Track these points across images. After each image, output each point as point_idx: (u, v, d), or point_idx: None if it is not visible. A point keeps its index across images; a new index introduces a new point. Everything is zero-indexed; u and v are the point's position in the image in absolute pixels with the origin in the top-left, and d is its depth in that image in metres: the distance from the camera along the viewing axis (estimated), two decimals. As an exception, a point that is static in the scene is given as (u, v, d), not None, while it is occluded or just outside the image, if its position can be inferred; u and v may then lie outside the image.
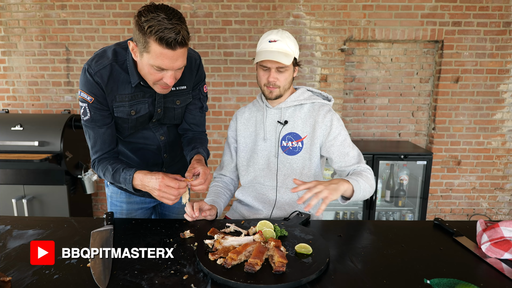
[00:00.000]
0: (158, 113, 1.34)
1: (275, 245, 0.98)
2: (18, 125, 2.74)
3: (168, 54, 1.07)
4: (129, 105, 1.26)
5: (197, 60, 1.38)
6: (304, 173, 1.43)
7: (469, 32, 3.03)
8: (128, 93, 1.25)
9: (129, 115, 1.28)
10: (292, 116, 1.45)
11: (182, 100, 1.39)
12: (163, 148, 1.46)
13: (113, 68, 1.21)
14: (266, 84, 1.39)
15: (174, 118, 1.42)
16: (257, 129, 1.50)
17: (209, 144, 3.26)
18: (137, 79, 1.22)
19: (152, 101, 1.31)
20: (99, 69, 1.19)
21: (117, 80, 1.22)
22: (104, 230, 1.15)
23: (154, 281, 0.88)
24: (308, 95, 1.49)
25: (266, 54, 1.33)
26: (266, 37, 1.37)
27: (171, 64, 1.10)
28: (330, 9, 3.01)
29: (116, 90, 1.23)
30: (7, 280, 0.85)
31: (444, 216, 3.41)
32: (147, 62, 1.10)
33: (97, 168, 1.30)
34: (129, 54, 1.20)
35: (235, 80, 3.17)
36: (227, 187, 1.57)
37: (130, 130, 1.34)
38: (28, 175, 2.80)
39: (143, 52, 1.09)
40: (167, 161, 1.50)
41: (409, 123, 3.35)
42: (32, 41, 3.10)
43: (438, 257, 1.02)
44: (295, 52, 1.39)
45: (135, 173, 1.20)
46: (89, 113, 1.23)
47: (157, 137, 1.42)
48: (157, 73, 1.12)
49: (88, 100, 1.21)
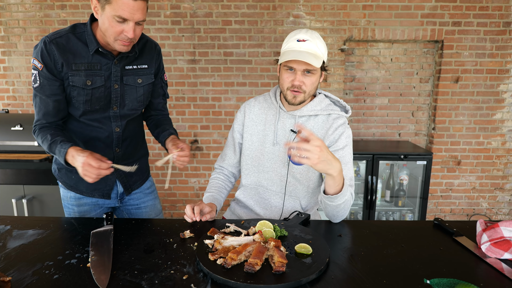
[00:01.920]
0: (116, 89, 1.35)
1: (275, 245, 0.98)
2: (18, 125, 2.74)
3: (130, 4, 1.14)
4: (85, 74, 1.29)
5: (157, 46, 1.47)
6: (309, 185, 1.40)
7: (469, 32, 3.03)
8: (85, 62, 1.28)
9: (84, 85, 1.29)
10: (305, 125, 1.38)
11: (143, 79, 1.41)
12: (116, 140, 1.43)
13: (70, 38, 1.27)
14: (290, 87, 1.28)
15: (137, 100, 1.42)
16: (266, 130, 1.43)
17: (209, 144, 3.28)
18: (95, 46, 1.27)
19: (108, 75, 1.33)
20: (55, 37, 1.25)
21: (74, 49, 1.27)
22: (104, 230, 1.15)
23: (154, 281, 0.88)
24: (326, 104, 1.39)
25: (294, 54, 1.22)
26: (294, 36, 1.27)
27: (132, 14, 1.16)
28: (330, 9, 3.01)
29: (73, 59, 1.27)
30: (7, 280, 0.85)
31: (444, 216, 3.41)
32: (108, 15, 1.16)
33: (37, 135, 1.33)
34: (87, 25, 1.28)
35: (235, 80, 3.17)
36: (228, 179, 1.56)
37: (86, 105, 1.33)
38: (28, 175, 2.80)
39: (105, 4, 1.15)
40: (118, 156, 1.46)
41: (409, 123, 3.35)
42: (32, 41, 3.10)
43: (438, 257, 1.02)
44: (325, 54, 1.29)
45: (69, 148, 1.21)
46: (39, 80, 1.27)
47: (112, 127, 1.41)
48: (118, 26, 1.17)
49: (38, 68, 1.25)
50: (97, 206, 1.51)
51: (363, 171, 3.03)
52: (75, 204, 1.48)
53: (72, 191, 1.47)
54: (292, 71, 1.27)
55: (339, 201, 1.18)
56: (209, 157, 3.31)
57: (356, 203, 3.13)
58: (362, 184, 3.05)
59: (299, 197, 1.41)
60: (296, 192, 1.41)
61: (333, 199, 1.18)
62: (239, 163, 1.53)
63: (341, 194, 1.17)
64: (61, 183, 1.48)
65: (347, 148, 1.35)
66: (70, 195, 1.48)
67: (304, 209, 1.43)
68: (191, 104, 3.21)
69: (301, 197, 1.42)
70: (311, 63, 1.21)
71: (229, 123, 3.24)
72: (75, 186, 1.46)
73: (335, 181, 1.14)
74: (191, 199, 3.41)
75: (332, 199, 1.18)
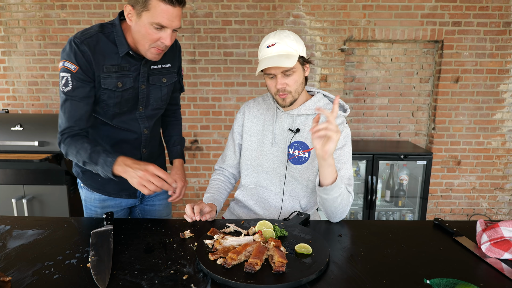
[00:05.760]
0: (143, 89, 1.33)
1: (275, 245, 0.98)
2: (18, 125, 2.74)
3: (169, 11, 1.11)
4: (116, 76, 1.26)
5: (177, 43, 1.45)
6: (308, 185, 1.40)
7: (469, 32, 3.03)
8: (115, 64, 1.25)
9: (116, 87, 1.27)
10: (303, 124, 1.38)
11: (168, 78, 1.40)
12: (144, 141, 1.43)
13: (100, 38, 1.22)
14: (276, 92, 1.30)
15: (161, 99, 1.41)
16: (265, 130, 1.44)
17: (209, 144, 3.28)
18: (126, 48, 1.23)
19: (136, 76, 1.30)
20: (85, 38, 1.20)
21: (104, 50, 1.23)
22: (104, 230, 1.15)
23: (154, 281, 0.88)
24: (324, 103, 1.40)
25: (266, 61, 1.24)
26: (264, 43, 1.28)
27: (170, 21, 1.13)
28: (330, 9, 3.01)
29: (103, 61, 1.23)
30: (7, 280, 0.85)
31: (444, 216, 3.41)
32: (145, 22, 1.13)
33: (68, 145, 1.23)
34: (116, 26, 1.23)
35: (235, 80, 3.17)
36: (228, 181, 1.56)
37: (115, 108, 1.31)
38: (28, 175, 2.80)
39: (142, 11, 1.12)
40: (145, 157, 1.46)
41: (409, 123, 3.35)
42: (32, 41, 3.10)
43: (438, 257, 1.02)
44: (299, 50, 1.27)
45: (118, 157, 1.18)
46: (71, 83, 1.20)
47: (141, 129, 1.40)
48: (155, 33, 1.15)
49: (72, 70, 1.19)
50: (120, 207, 1.51)
51: (363, 171, 3.03)
52: (98, 206, 1.48)
53: (97, 193, 1.46)
54: (273, 76, 1.28)
55: (335, 193, 1.19)
56: (209, 157, 3.31)
57: (356, 203, 3.13)
58: (362, 184, 3.05)
59: (299, 197, 1.42)
60: (295, 192, 1.41)
61: (329, 190, 1.19)
62: (239, 164, 1.54)
63: (335, 184, 1.18)
64: (86, 185, 1.46)
65: (346, 148, 1.35)
66: (94, 197, 1.47)
67: (304, 209, 1.43)
68: (191, 104, 3.21)
69: (300, 197, 1.42)
70: (283, 65, 1.20)
71: (229, 123, 3.24)
72: (102, 188, 1.45)
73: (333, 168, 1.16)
74: (191, 199, 3.41)
75: (328, 191, 1.19)
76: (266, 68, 1.25)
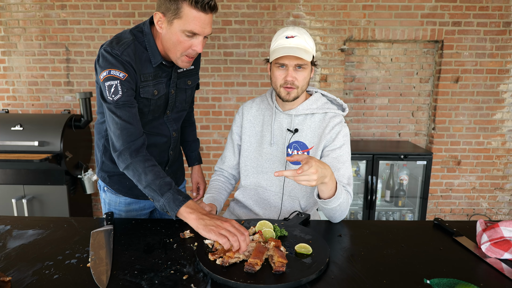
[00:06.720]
0: (172, 94, 1.33)
1: (275, 245, 0.98)
2: (18, 125, 2.74)
3: (201, 18, 1.09)
4: (153, 84, 1.24)
5: None
6: None
7: (469, 32, 3.03)
8: (151, 72, 1.24)
9: (152, 96, 1.26)
10: (301, 124, 1.38)
11: (192, 80, 1.41)
12: (172, 144, 1.45)
13: (136, 47, 1.19)
14: (283, 84, 1.28)
15: (186, 101, 1.42)
16: (263, 130, 1.44)
17: (209, 144, 3.28)
18: (160, 59, 1.22)
19: (167, 81, 1.30)
20: (124, 48, 1.15)
21: (141, 58, 1.20)
22: (104, 230, 1.15)
23: (154, 281, 0.88)
24: (322, 102, 1.39)
25: (285, 50, 1.21)
26: (282, 33, 1.26)
27: (203, 28, 1.12)
28: (330, 9, 3.01)
29: (140, 69, 1.20)
30: (7, 280, 0.85)
31: (444, 216, 3.41)
32: (177, 30, 1.11)
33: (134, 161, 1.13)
34: (147, 35, 1.20)
35: (235, 80, 3.17)
36: (229, 181, 1.56)
37: (149, 115, 1.30)
38: (28, 175, 2.80)
39: (174, 19, 1.10)
40: (171, 159, 1.49)
41: (409, 123, 3.35)
42: (32, 41, 3.10)
43: (438, 257, 1.02)
44: (314, 50, 1.29)
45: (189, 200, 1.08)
46: (121, 91, 1.13)
47: (170, 132, 1.41)
48: (187, 41, 1.13)
49: (120, 77, 1.13)
50: (144, 209, 1.52)
51: (363, 171, 3.03)
52: (123, 210, 1.48)
53: (124, 196, 1.46)
54: (284, 67, 1.27)
55: (333, 204, 1.19)
56: (209, 157, 3.31)
57: (356, 203, 3.13)
58: (362, 184, 3.05)
59: (298, 197, 1.42)
60: (295, 192, 1.41)
61: (327, 202, 1.18)
62: (238, 165, 1.54)
63: (334, 197, 1.17)
64: (113, 189, 1.45)
65: (345, 147, 1.35)
66: (120, 200, 1.46)
67: (304, 209, 1.43)
68: (191, 104, 3.21)
69: (300, 197, 1.42)
70: (303, 57, 1.21)
71: (229, 123, 3.24)
72: (130, 192, 1.45)
73: (327, 186, 1.14)
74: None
75: (326, 202, 1.18)
76: (280, 57, 1.24)
